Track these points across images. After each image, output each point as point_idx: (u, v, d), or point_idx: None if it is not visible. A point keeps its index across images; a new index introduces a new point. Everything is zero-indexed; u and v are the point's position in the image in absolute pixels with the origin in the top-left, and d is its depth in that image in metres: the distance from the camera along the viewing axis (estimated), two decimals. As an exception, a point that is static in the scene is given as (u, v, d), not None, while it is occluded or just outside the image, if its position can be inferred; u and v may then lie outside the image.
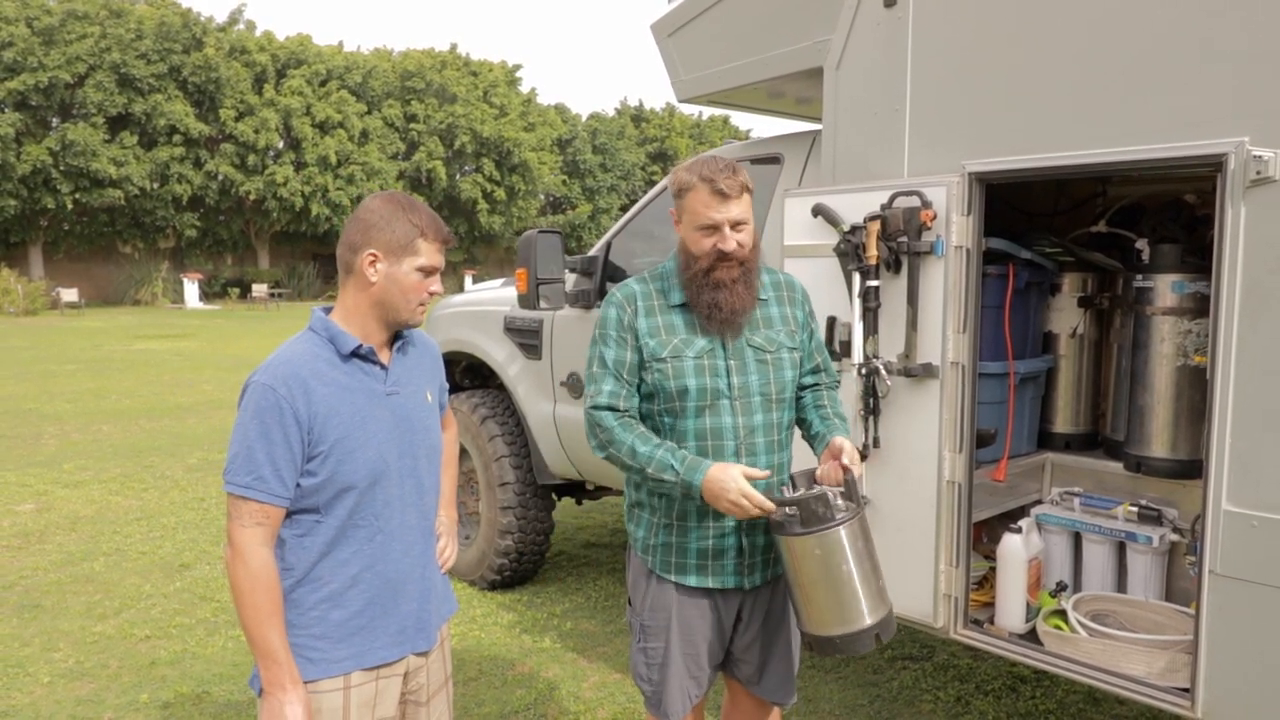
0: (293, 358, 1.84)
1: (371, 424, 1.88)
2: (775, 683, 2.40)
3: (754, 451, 2.21)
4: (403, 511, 1.95)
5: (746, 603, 2.33)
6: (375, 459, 1.87)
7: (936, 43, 2.75)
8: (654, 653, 2.32)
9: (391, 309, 1.91)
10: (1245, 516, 2.20)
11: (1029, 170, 2.58)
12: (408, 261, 1.89)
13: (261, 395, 1.78)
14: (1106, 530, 3.17)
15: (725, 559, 2.25)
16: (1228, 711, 2.30)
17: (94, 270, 34.79)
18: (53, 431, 9.39)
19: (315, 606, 1.87)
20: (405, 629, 1.96)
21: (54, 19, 31.03)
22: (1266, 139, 2.13)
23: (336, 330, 1.89)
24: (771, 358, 2.24)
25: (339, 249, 1.93)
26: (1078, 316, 3.57)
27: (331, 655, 1.87)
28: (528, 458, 4.74)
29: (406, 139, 39.42)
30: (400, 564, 1.95)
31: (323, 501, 1.84)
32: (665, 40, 3.79)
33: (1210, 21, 2.22)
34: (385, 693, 1.95)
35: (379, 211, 1.89)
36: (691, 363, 2.19)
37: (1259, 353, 2.17)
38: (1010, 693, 3.74)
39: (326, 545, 1.86)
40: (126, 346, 18.36)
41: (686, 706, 2.33)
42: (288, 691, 1.79)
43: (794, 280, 2.39)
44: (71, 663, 4.01)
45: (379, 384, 1.92)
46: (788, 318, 2.30)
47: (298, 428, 1.79)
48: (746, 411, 2.20)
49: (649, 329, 2.23)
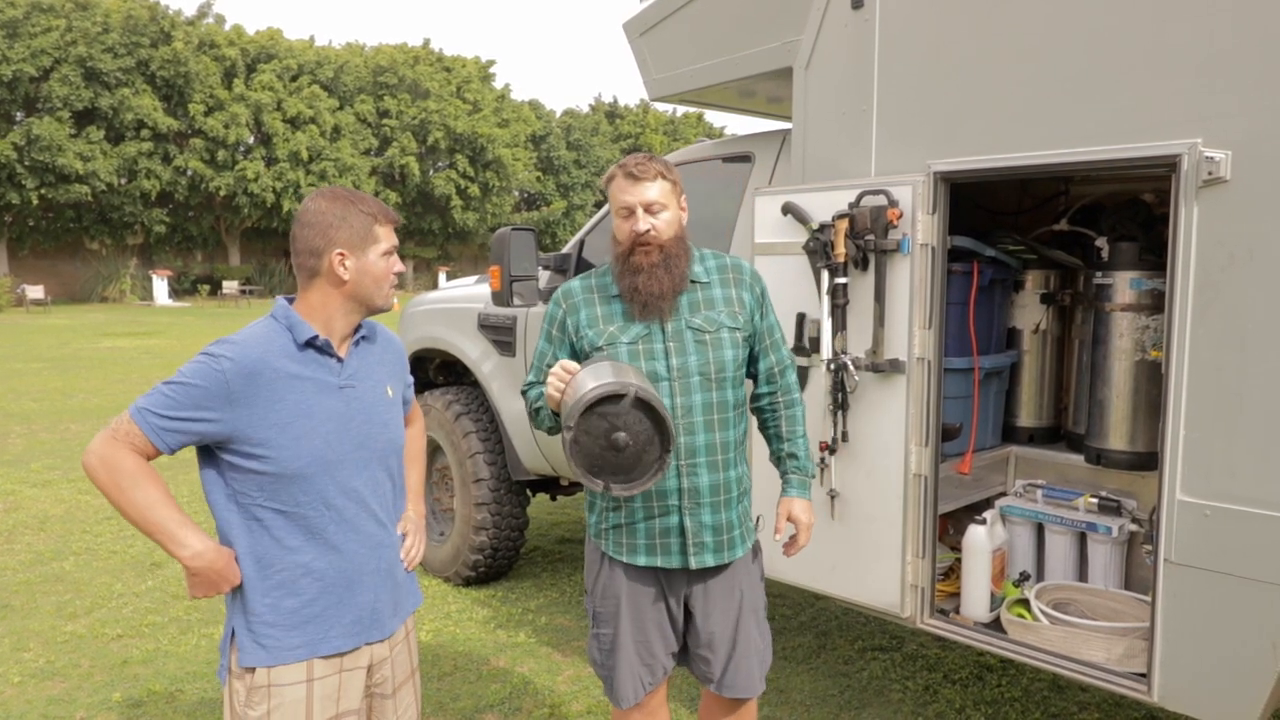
0: (248, 339, 1.88)
1: (319, 413, 1.90)
2: (737, 680, 2.40)
3: (692, 430, 2.26)
4: (358, 502, 1.97)
5: (697, 588, 2.35)
6: (322, 448, 1.89)
7: (903, 44, 2.81)
8: (605, 638, 2.38)
9: (367, 298, 1.97)
10: (1198, 506, 2.28)
11: (992, 170, 2.64)
12: (373, 250, 1.95)
13: (204, 361, 1.82)
14: (1068, 521, 3.25)
15: (670, 538, 2.29)
16: (1183, 695, 2.38)
17: (60, 267, 34.22)
18: (19, 430, 9.27)
19: (267, 594, 1.89)
20: (361, 619, 1.98)
21: (18, 11, 30.42)
22: (1218, 141, 2.20)
23: (296, 319, 1.92)
24: (711, 338, 2.28)
25: (298, 256, 1.94)
26: (1040, 313, 3.65)
27: (284, 643, 1.90)
28: (502, 454, 4.76)
29: (379, 135, 39.11)
30: (356, 555, 1.97)
31: (269, 487, 1.87)
32: (637, 39, 3.82)
33: (1165, 26, 2.29)
34: (349, 685, 1.97)
35: (330, 210, 1.92)
36: (625, 348, 2.26)
37: (1209, 348, 2.24)
38: (977, 681, 3.82)
39: (277, 532, 1.89)
40: (94, 344, 18.10)
41: (639, 693, 2.36)
42: (204, 552, 1.84)
43: (742, 263, 2.42)
44: (42, 662, 3.98)
45: (332, 376, 1.94)
46: (731, 299, 2.34)
47: (221, 404, 1.81)
48: (685, 392, 2.25)
49: (588, 320, 2.31)
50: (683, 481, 2.26)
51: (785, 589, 4.47)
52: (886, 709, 3.60)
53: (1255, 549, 2.19)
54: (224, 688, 1.95)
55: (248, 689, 1.89)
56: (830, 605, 4.55)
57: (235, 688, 1.92)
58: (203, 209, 36.18)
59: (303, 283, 1.96)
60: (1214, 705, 2.32)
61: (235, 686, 1.92)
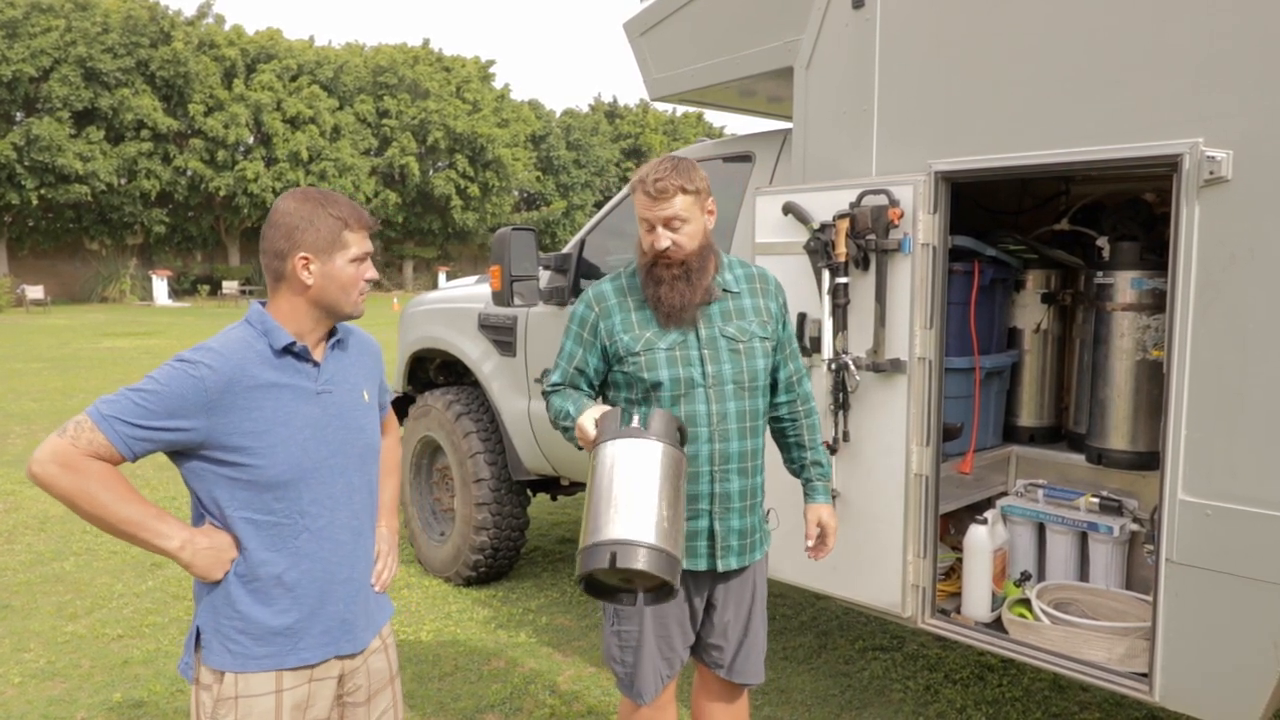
0: (225, 346, 1.81)
1: (296, 420, 1.85)
2: (747, 666, 2.48)
3: (726, 437, 2.27)
4: (331, 510, 1.91)
5: (719, 587, 2.40)
6: (299, 455, 1.84)
7: (903, 44, 2.81)
8: (627, 635, 2.39)
9: (333, 305, 1.90)
10: (1200, 506, 2.28)
11: (993, 170, 2.64)
12: (339, 256, 1.87)
13: (180, 369, 1.75)
14: (1069, 521, 3.25)
15: (698, 541, 2.32)
16: (1184, 695, 2.38)
17: (60, 267, 34.21)
18: (19, 430, 9.26)
19: (239, 601, 1.84)
20: (331, 630, 1.93)
21: (18, 12, 30.41)
22: (1220, 140, 2.20)
23: (272, 325, 1.86)
24: (744, 347, 2.30)
25: (264, 257, 1.88)
26: (1041, 312, 3.65)
27: (252, 652, 1.85)
28: (502, 454, 4.76)
29: (379, 135, 39.10)
30: (328, 564, 1.91)
31: (242, 495, 1.82)
32: (637, 39, 3.82)
33: (1166, 26, 2.29)
34: (318, 695, 1.93)
35: (297, 212, 1.85)
36: (664, 354, 2.26)
37: (1211, 347, 2.24)
38: (978, 681, 3.82)
39: (249, 542, 1.84)
40: (94, 344, 18.10)
41: (658, 687, 2.41)
42: (193, 537, 1.80)
43: (767, 273, 2.44)
44: (43, 663, 3.98)
45: (310, 381, 1.89)
46: (760, 309, 2.36)
47: (197, 413, 1.75)
48: (720, 399, 2.27)
49: (622, 324, 2.31)
50: (715, 487, 2.29)
51: (786, 589, 4.47)
52: (887, 709, 3.60)
53: (1257, 549, 2.19)
54: (192, 688, 1.90)
55: (215, 700, 1.84)
56: (831, 605, 4.55)
57: (202, 698, 1.86)
58: (202, 209, 36.17)
59: (270, 286, 1.90)
60: (1215, 705, 2.32)
61: (202, 697, 1.87)
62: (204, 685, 1.87)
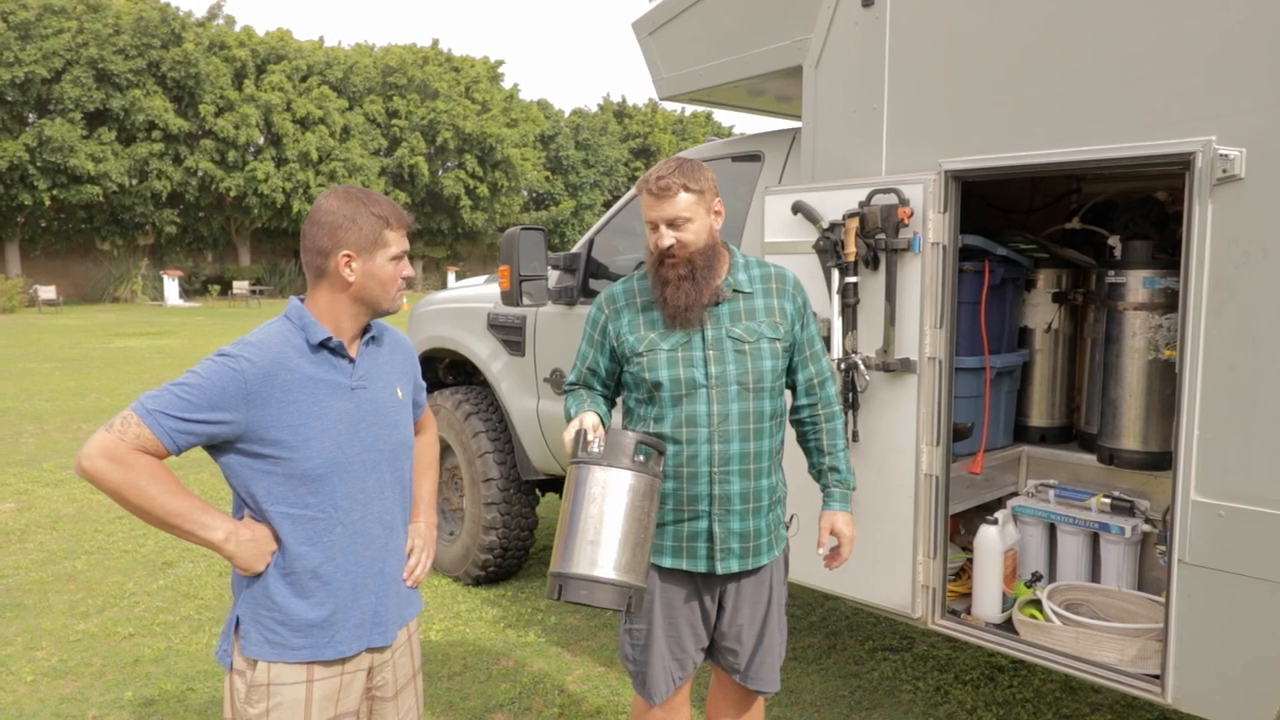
0: (264, 340, 1.86)
1: (330, 415, 1.88)
2: (762, 673, 2.45)
3: (727, 439, 2.26)
4: (365, 505, 1.95)
5: (729, 590, 2.38)
6: (333, 450, 1.88)
7: (913, 42, 2.80)
8: (638, 634, 2.40)
9: (373, 301, 1.96)
10: (1213, 506, 2.26)
11: (1004, 168, 2.63)
12: (380, 254, 1.92)
13: (221, 362, 1.80)
14: (1080, 521, 3.23)
15: (697, 542, 2.31)
16: (1197, 697, 2.36)
17: (72, 268, 34.43)
18: (32, 430, 9.32)
19: (276, 594, 1.88)
20: (363, 623, 1.96)
21: (30, 13, 30.62)
22: (1232, 138, 2.18)
23: (309, 320, 1.91)
24: (750, 348, 2.28)
25: (306, 254, 1.93)
26: (1052, 312, 3.63)
27: (290, 642, 1.89)
28: (511, 454, 4.76)
29: (388, 135, 39.22)
30: (360, 558, 1.95)
31: (278, 489, 1.86)
32: (646, 38, 3.82)
33: (1178, 23, 2.27)
34: (349, 688, 1.96)
35: (340, 211, 1.90)
36: (665, 355, 2.27)
37: (1223, 347, 2.22)
38: (988, 682, 3.80)
39: (286, 536, 1.87)
40: (106, 344, 18.20)
41: (670, 687, 2.40)
42: (237, 529, 1.84)
43: (786, 273, 2.42)
44: (55, 661, 4.00)
45: (344, 377, 1.93)
46: (774, 309, 2.34)
47: (237, 405, 1.79)
48: (722, 400, 2.26)
49: (629, 325, 2.32)
50: (714, 488, 2.27)
51: (795, 589, 4.43)
52: (897, 710, 3.59)
53: (1270, 549, 2.17)
54: (227, 673, 1.95)
55: (248, 685, 1.89)
56: (840, 605, 4.54)
57: (236, 684, 1.91)
58: (213, 209, 36.37)
59: (311, 282, 1.95)
60: (1228, 707, 2.30)
61: (236, 683, 1.91)
62: (238, 671, 1.91)
